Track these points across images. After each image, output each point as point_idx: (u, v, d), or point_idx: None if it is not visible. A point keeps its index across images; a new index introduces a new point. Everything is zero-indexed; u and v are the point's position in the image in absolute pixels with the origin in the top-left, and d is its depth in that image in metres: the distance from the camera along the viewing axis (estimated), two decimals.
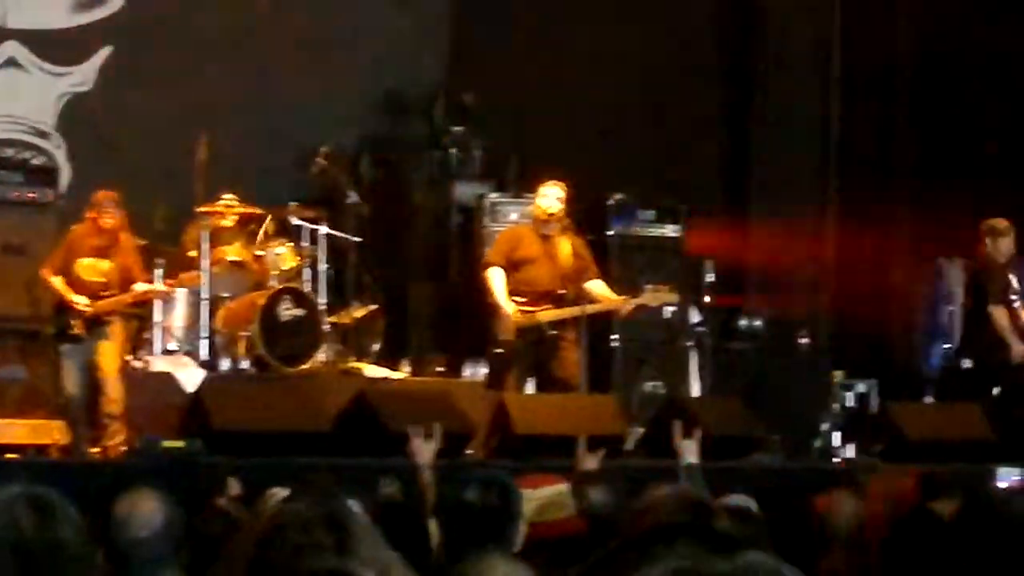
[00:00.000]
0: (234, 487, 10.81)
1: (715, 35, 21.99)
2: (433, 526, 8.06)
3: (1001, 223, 17.75)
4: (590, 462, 10.97)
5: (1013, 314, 17.50)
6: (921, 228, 21.59)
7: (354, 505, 6.56)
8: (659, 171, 20.01)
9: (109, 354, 15.94)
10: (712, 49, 21.89)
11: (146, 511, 6.95)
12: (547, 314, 16.35)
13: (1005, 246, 17.70)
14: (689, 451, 11.16)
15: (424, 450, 10.71)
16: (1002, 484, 13.96)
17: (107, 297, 16.03)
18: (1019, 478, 14.64)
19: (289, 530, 5.87)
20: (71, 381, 15.95)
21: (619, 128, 19.89)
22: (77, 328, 15.87)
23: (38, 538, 4.80)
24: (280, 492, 8.77)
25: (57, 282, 16.03)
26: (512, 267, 16.32)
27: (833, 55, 22.04)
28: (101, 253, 16.12)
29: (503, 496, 7.26)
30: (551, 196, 16.51)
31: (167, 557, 6.96)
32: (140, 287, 16.21)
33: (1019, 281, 17.83)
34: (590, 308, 16.58)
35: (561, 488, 8.04)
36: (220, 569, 6.93)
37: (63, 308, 15.97)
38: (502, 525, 7.00)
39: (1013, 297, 17.55)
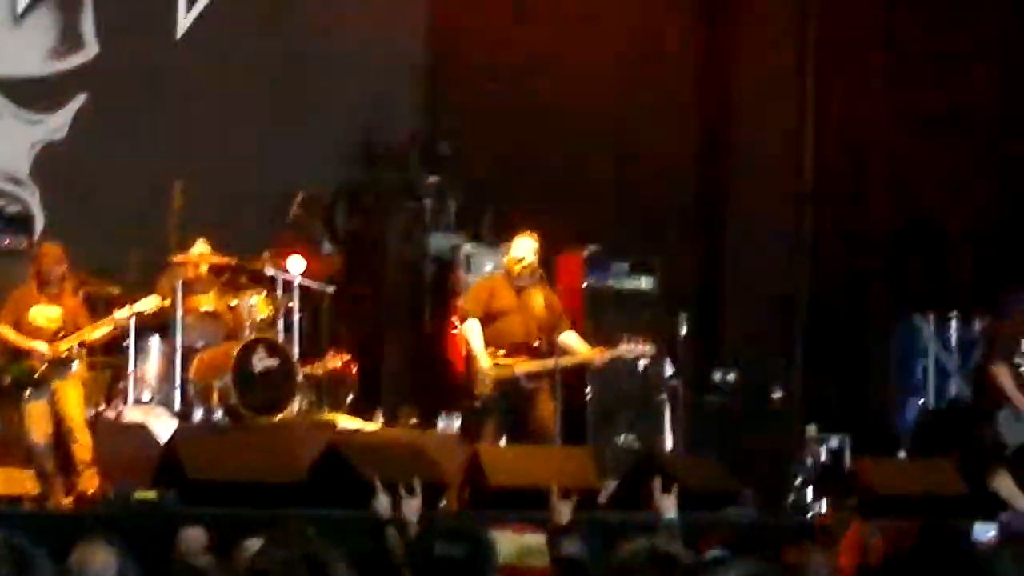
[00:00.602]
0: (197, 537, 10.81)
1: (689, 88, 22.05)
2: None
3: None
4: (564, 511, 11.01)
5: (1019, 377, 17.54)
6: (896, 284, 21.68)
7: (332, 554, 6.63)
8: (633, 224, 20.00)
9: (73, 399, 15.92)
10: (685, 101, 21.93)
11: (99, 562, 6.95)
12: (523, 366, 16.40)
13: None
14: (668, 506, 11.22)
15: (409, 505, 10.75)
16: (979, 539, 13.96)
17: (65, 338, 16.05)
18: (995, 534, 14.64)
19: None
20: (36, 429, 15.89)
21: (594, 180, 19.89)
22: (39, 372, 15.87)
23: None
24: (255, 543, 8.79)
25: (11, 333, 16.02)
26: (488, 319, 16.36)
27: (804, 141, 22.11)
28: (50, 300, 16.14)
29: (476, 549, 7.30)
30: (525, 248, 16.57)
31: None
32: (99, 327, 16.25)
33: None
34: (565, 360, 16.64)
35: (540, 538, 8.12)
36: None
37: (18, 356, 15.95)
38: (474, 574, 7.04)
39: (1021, 361, 17.58)
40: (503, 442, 16.57)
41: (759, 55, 21.97)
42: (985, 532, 14.68)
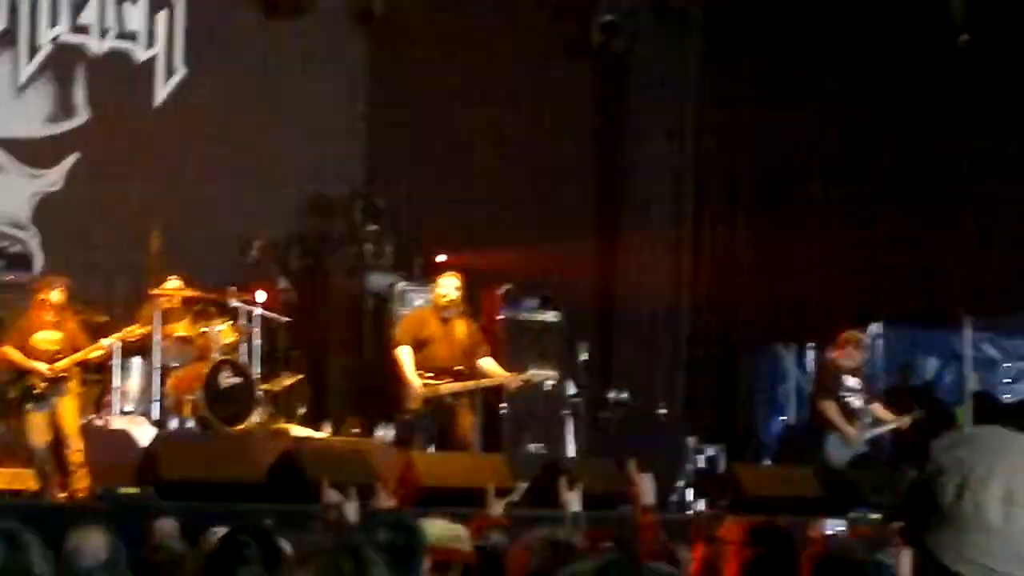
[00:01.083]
0: (171, 526, 10.75)
1: (589, 152, 22.08)
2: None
3: (852, 335, 18.08)
4: (497, 508, 11.08)
5: (846, 410, 17.75)
6: (762, 320, 21.76)
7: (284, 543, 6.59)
8: (542, 267, 20.00)
9: (69, 412, 15.98)
10: (587, 166, 21.97)
11: (93, 545, 6.90)
12: (447, 387, 16.42)
13: (849, 355, 18.00)
14: (573, 502, 11.17)
15: (349, 506, 10.70)
16: (828, 532, 14.00)
17: (62, 360, 15.97)
18: (843, 528, 14.65)
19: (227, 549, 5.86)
20: (36, 435, 15.91)
21: (510, 231, 19.87)
22: (40, 388, 15.84)
23: (9, 564, 4.74)
24: (220, 531, 8.74)
25: (16, 355, 15.97)
26: (417, 346, 16.41)
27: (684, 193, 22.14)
28: (52, 326, 16.10)
29: (409, 536, 7.29)
30: (449, 286, 16.60)
31: None
32: (92, 350, 16.18)
33: (863, 382, 18.10)
34: (484, 382, 16.75)
35: (459, 527, 8.13)
36: None
37: (23, 374, 15.92)
38: (409, 559, 7.02)
39: (844, 394, 17.79)
40: (431, 449, 16.54)
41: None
42: (834, 527, 14.69)
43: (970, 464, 2.63)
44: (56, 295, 16.16)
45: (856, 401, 17.91)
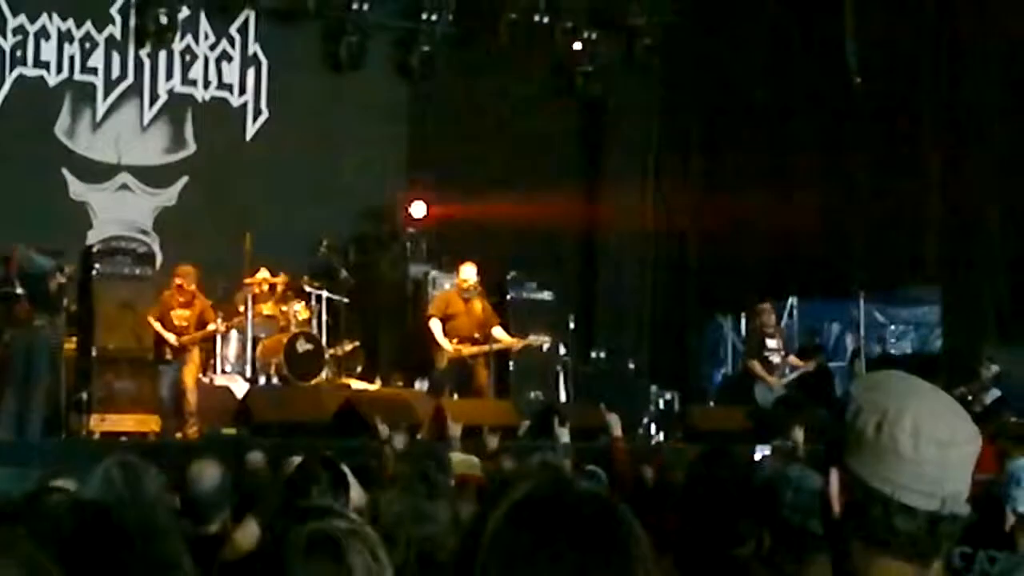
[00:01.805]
0: (257, 458, 10.79)
1: (575, 165, 22.13)
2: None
3: (764, 306, 18.13)
4: (492, 441, 11.16)
5: (765, 363, 17.82)
6: (709, 293, 21.84)
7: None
8: (539, 259, 20.05)
9: (190, 373, 16.08)
10: (572, 180, 22.00)
11: (208, 473, 6.93)
12: (468, 350, 16.55)
13: (766, 322, 18.08)
14: (563, 435, 11.26)
15: (396, 439, 10.80)
16: (758, 456, 14.06)
17: (188, 334, 16.08)
18: (768, 452, 14.72)
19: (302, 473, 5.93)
20: (164, 389, 16.00)
21: (514, 231, 19.91)
22: (169, 355, 15.95)
23: (126, 488, 4.74)
24: (296, 459, 8.80)
25: (157, 325, 16.10)
26: (445, 319, 16.49)
27: (648, 203, 22.19)
28: (184, 306, 16.21)
29: (438, 464, 7.39)
30: (469, 273, 16.68)
31: (222, 503, 6.93)
32: (211, 327, 16.32)
33: (780, 341, 18.16)
34: (496, 346, 16.81)
35: (474, 458, 8.26)
36: (260, 508, 6.97)
37: (160, 342, 16.03)
38: (438, 480, 7.11)
39: (767, 353, 17.86)
40: (455, 397, 16.62)
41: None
42: (763, 451, 14.77)
43: (885, 404, 2.58)
44: (188, 281, 16.32)
45: (775, 357, 18.01)
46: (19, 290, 15.01)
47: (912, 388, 2.63)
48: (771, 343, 17.99)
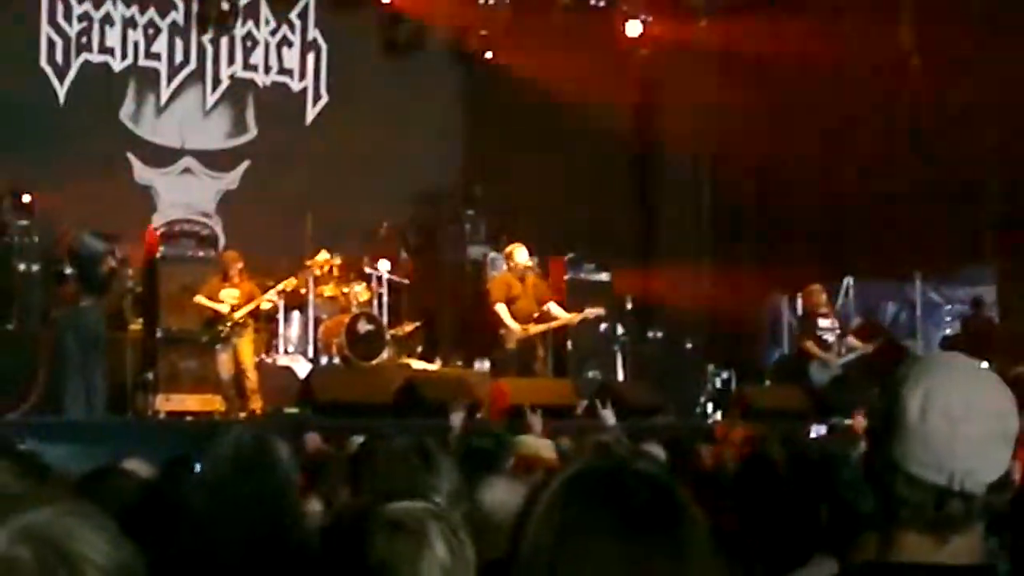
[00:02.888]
0: (314, 439, 10.81)
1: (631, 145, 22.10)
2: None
3: (815, 287, 18.06)
4: (536, 424, 11.07)
5: (820, 342, 17.76)
6: (765, 274, 21.73)
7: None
8: (599, 240, 20.04)
9: (246, 351, 16.06)
10: (626, 160, 21.99)
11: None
12: (535, 328, 16.55)
13: (818, 302, 18.01)
14: (608, 417, 11.21)
15: (455, 417, 10.79)
16: (814, 434, 14.06)
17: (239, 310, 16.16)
18: (824, 431, 14.72)
19: (380, 454, 5.93)
20: (223, 370, 16.04)
21: (575, 211, 19.94)
22: (225, 332, 15.97)
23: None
24: (358, 439, 8.82)
25: (205, 300, 16.08)
26: (508, 302, 16.45)
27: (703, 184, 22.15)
28: (233, 286, 16.23)
29: (497, 443, 7.40)
30: (523, 254, 16.69)
31: (293, 479, 6.97)
32: (265, 297, 16.38)
33: (834, 320, 18.09)
34: (556, 323, 16.80)
35: (547, 441, 8.20)
36: (325, 485, 7.00)
37: (211, 321, 16.03)
38: (498, 460, 7.12)
39: (820, 333, 17.80)
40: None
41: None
42: (820, 429, 14.76)
43: (907, 376, 2.58)
44: (235, 263, 16.36)
45: (830, 336, 17.92)
46: (68, 270, 15.14)
47: (944, 364, 2.63)
48: (823, 323, 17.90)
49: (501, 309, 16.50)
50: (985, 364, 2.69)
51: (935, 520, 2.55)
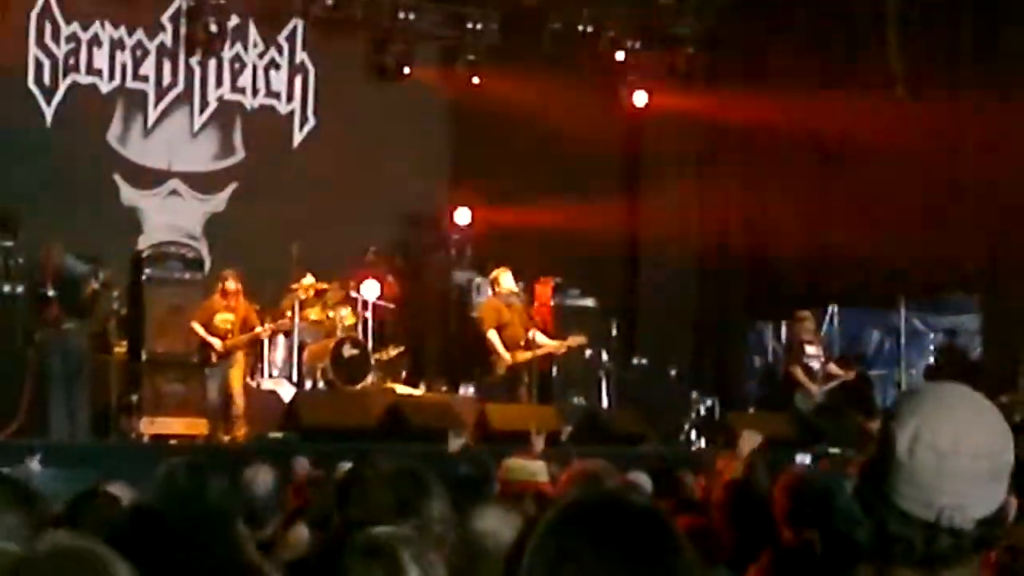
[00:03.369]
0: (302, 464, 10.77)
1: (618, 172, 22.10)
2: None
3: (804, 314, 18.08)
4: (538, 445, 10.99)
5: (808, 370, 17.75)
6: (747, 303, 21.76)
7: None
8: (584, 266, 20.00)
9: (236, 376, 16.06)
10: (613, 185, 21.98)
11: (263, 478, 6.97)
12: (523, 356, 16.55)
13: (806, 329, 18.02)
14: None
15: (455, 443, 10.66)
16: (799, 462, 14.02)
17: (233, 337, 16.10)
18: (809, 460, 14.68)
19: (368, 482, 5.88)
20: (211, 393, 16.01)
21: (561, 236, 19.91)
22: (215, 358, 15.95)
23: (189, 490, 4.72)
24: (346, 464, 8.79)
25: (201, 330, 16.10)
26: (499, 328, 16.45)
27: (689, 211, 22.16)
28: (228, 310, 16.22)
29: (482, 469, 7.36)
30: (511, 280, 16.71)
31: (276, 507, 6.96)
32: (257, 330, 16.35)
33: (820, 348, 18.10)
34: (542, 350, 16.82)
35: (539, 464, 8.10)
36: (315, 510, 6.98)
37: (205, 346, 16.04)
38: (484, 486, 7.09)
39: (807, 360, 17.79)
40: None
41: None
42: (805, 458, 14.72)
43: (902, 409, 2.56)
44: (232, 284, 16.32)
45: (815, 364, 17.93)
46: (51, 292, 15.09)
47: (937, 397, 2.60)
48: (811, 350, 17.92)
49: (493, 336, 16.51)
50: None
51: (925, 556, 2.53)
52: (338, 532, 3.06)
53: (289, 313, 17.28)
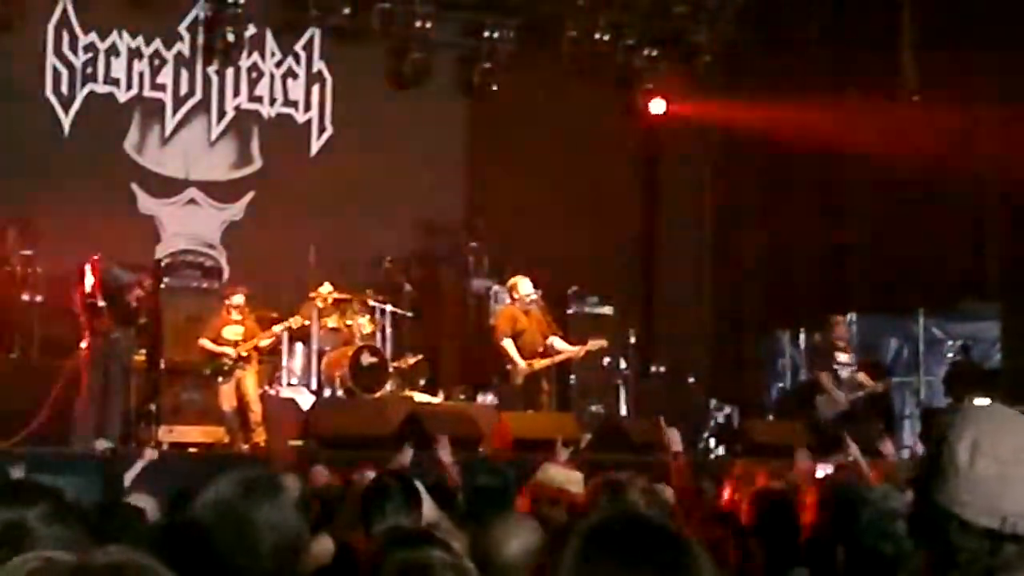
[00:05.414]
0: (322, 472, 10.72)
1: (635, 180, 22.08)
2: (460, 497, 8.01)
3: (838, 319, 17.97)
4: (563, 454, 10.95)
5: (834, 375, 17.63)
6: (765, 309, 21.72)
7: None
8: (602, 273, 20.01)
9: (250, 384, 16.06)
10: (630, 194, 21.97)
11: (289, 486, 6.90)
12: (540, 363, 16.52)
13: (839, 335, 17.91)
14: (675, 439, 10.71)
15: (444, 452, 10.54)
16: (820, 474, 13.89)
17: (243, 345, 16.11)
18: (830, 469, 14.58)
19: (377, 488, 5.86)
20: (226, 402, 16.00)
21: (578, 244, 19.92)
22: (227, 366, 15.96)
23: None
24: (370, 474, 8.75)
25: (210, 344, 16.08)
26: (515, 336, 16.42)
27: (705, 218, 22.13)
28: (236, 323, 16.23)
29: (502, 480, 7.32)
30: (528, 286, 16.68)
31: (300, 517, 6.90)
32: (265, 334, 16.36)
33: (850, 356, 17.98)
34: (561, 356, 16.80)
35: (576, 474, 7.96)
36: (334, 523, 6.95)
37: (214, 356, 16.02)
38: (503, 497, 7.04)
39: (836, 367, 17.67)
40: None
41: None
42: (825, 470, 14.60)
43: (953, 422, 2.62)
44: (238, 299, 16.32)
45: (844, 371, 17.79)
46: (101, 302, 15.20)
47: (988, 411, 2.67)
48: (841, 357, 17.75)
49: (508, 344, 16.47)
50: (987, 401, 2.74)
51: (990, 565, 2.55)
52: (377, 549, 3.01)
53: (307, 322, 17.25)
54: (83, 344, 15.21)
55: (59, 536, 3.21)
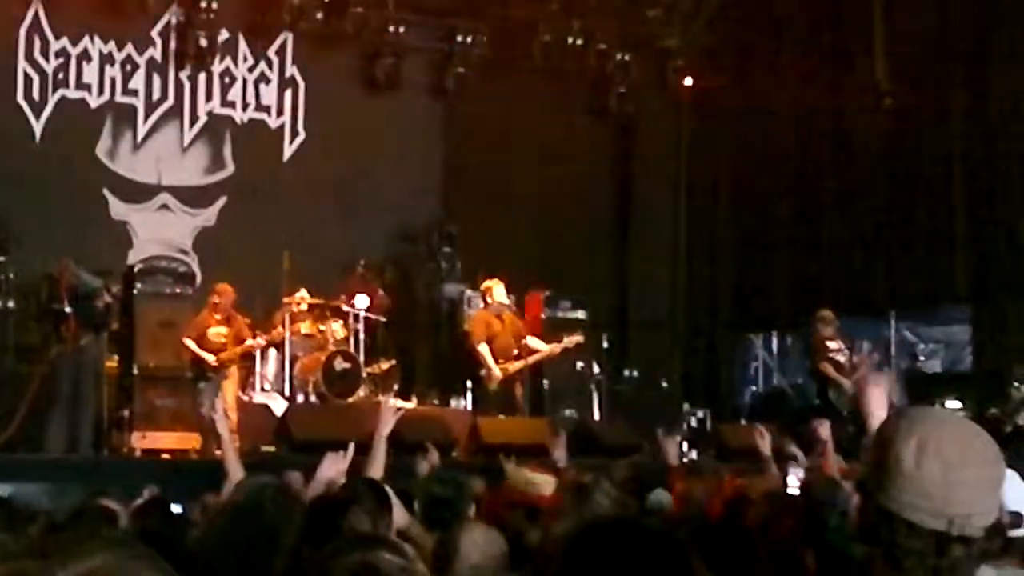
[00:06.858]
0: (296, 478, 10.70)
1: (607, 193, 22.12)
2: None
3: (825, 313, 17.94)
4: (560, 455, 10.98)
5: (837, 366, 17.59)
6: (737, 313, 21.79)
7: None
8: (574, 276, 20.03)
9: (229, 390, 16.04)
10: (604, 198, 22.02)
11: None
12: (514, 366, 16.50)
13: (827, 327, 17.89)
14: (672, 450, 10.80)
15: (421, 463, 10.56)
16: (791, 476, 13.91)
17: (226, 351, 16.09)
18: (802, 473, 14.59)
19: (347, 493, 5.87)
20: (205, 407, 15.97)
21: (552, 248, 19.97)
22: (209, 372, 15.95)
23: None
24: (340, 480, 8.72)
25: (194, 346, 16.09)
26: (489, 340, 16.44)
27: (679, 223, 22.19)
28: (221, 323, 16.22)
29: (456, 489, 7.35)
30: (501, 291, 16.70)
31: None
32: (249, 342, 16.34)
33: (842, 343, 17.96)
34: (536, 356, 16.83)
35: (547, 476, 8.02)
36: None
37: (197, 361, 16.04)
38: (458, 507, 7.08)
39: (832, 355, 17.64)
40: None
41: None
42: (794, 472, 14.62)
43: (897, 426, 2.62)
44: (225, 299, 16.33)
45: (841, 357, 17.73)
46: (67, 308, 15.14)
47: (931, 414, 2.69)
48: (833, 345, 17.72)
49: (483, 350, 16.50)
50: (958, 404, 2.79)
51: (937, 566, 2.55)
52: (327, 552, 3.02)
53: (280, 327, 17.26)
54: (52, 351, 15.18)
55: (2, 543, 3.21)
